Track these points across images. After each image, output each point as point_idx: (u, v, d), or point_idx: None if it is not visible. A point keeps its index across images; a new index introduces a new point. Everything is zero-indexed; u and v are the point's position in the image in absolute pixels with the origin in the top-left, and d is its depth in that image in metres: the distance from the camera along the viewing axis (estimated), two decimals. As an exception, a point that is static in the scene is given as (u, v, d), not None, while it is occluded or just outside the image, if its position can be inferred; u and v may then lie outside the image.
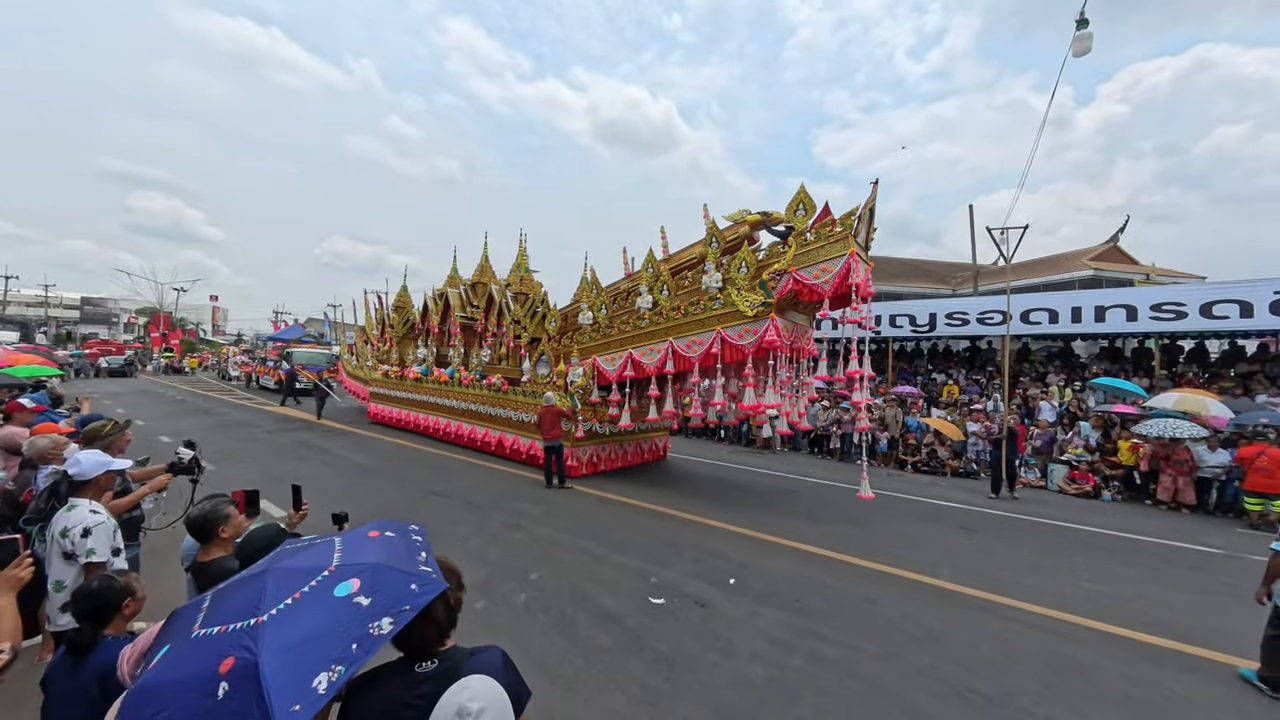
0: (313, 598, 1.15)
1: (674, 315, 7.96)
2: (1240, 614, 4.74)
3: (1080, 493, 9.65)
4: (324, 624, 1.09)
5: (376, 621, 1.11)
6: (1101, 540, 6.93)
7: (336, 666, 1.02)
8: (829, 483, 9.86)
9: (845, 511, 7.86)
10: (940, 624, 4.21)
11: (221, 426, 12.95)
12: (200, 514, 2.23)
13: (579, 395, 8.80)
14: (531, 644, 3.69)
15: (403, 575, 1.23)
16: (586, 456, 9.24)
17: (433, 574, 1.29)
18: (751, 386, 7.11)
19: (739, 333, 7.13)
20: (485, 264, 13.26)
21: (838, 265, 6.38)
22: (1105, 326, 13.43)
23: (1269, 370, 12.19)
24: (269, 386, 22.94)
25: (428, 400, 12.35)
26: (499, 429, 10.39)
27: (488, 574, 4.80)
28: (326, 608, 1.13)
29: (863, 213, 6.45)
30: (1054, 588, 5.09)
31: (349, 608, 1.13)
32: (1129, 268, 21.75)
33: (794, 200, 6.97)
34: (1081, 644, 4.00)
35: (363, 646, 1.07)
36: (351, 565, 1.23)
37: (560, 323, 10.01)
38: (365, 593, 1.16)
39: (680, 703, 3.14)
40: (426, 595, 1.21)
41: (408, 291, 15.98)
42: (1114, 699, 3.32)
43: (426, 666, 1.30)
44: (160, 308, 47.58)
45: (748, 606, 4.38)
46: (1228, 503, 8.58)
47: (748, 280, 7.12)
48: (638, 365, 8.35)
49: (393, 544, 1.37)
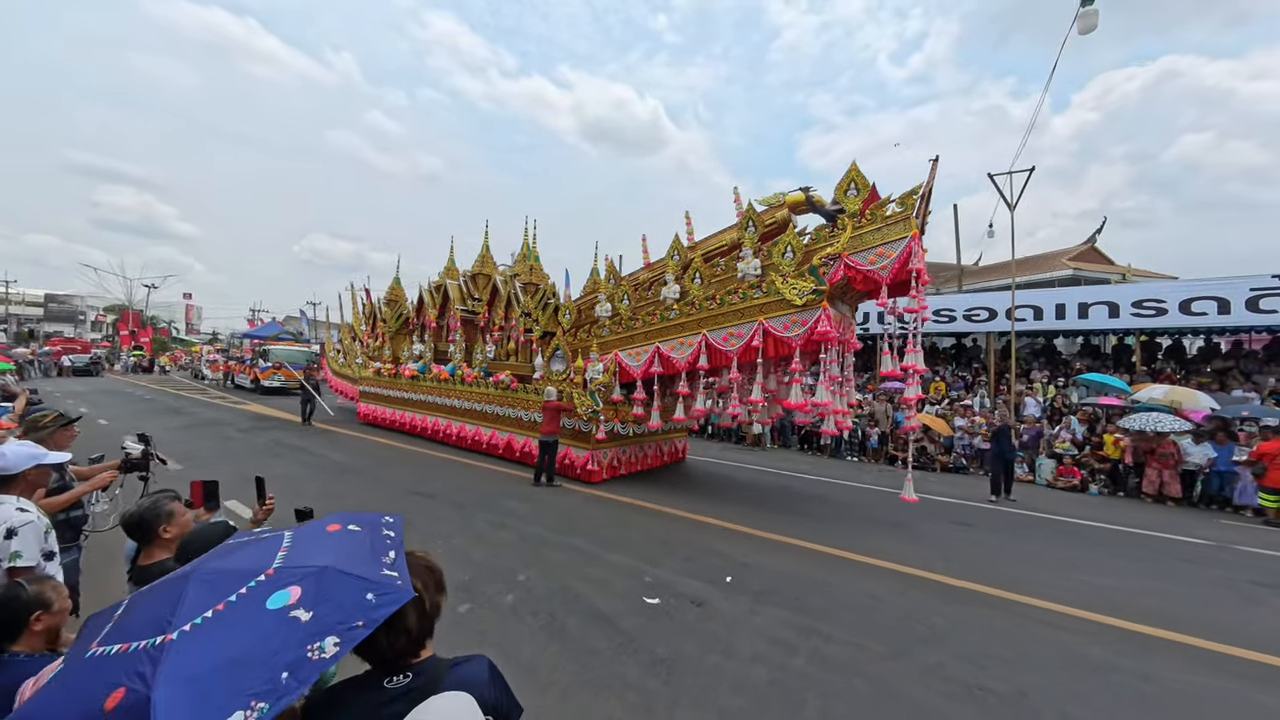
0: (239, 610, 0.90)
1: (708, 306, 7.31)
2: (1239, 606, 4.73)
3: (1068, 487, 9.71)
4: (247, 645, 0.85)
5: (317, 643, 0.87)
6: (1093, 533, 6.92)
7: (258, 704, 0.79)
8: (821, 479, 9.77)
9: (840, 507, 7.76)
10: (945, 620, 4.07)
11: (192, 426, 12.39)
12: (137, 512, 1.93)
13: (601, 393, 8.08)
14: (520, 648, 3.46)
15: (356, 582, 0.99)
16: (607, 460, 8.56)
17: (397, 579, 1.04)
18: (798, 383, 6.61)
19: (784, 324, 6.51)
20: (486, 254, 12.36)
21: (897, 249, 5.80)
22: (1088, 323, 13.64)
23: (1243, 366, 12.50)
24: (245, 385, 22.14)
25: (425, 400, 11.62)
26: (507, 430, 9.66)
27: (473, 575, 4.54)
28: (254, 624, 0.88)
29: (925, 192, 5.92)
30: (1053, 581, 5.01)
31: (283, 624, 0.88)
32: (1106, 268, 22.35)
33: (844, 179, 6.38)
34: (1088, 638, 3.90)
35: (296, 676, 0.83)
36: (294, 568, 0.98)
37: (575, 315, 9.26)
38: (306, 604, 0.91)
39: (680, 708, 2.93)
40: (385, 608, 0.98)
41: (401, 284, 15.11)
42: (1129, 695, 3.20)
43: (398, 682, 1.07)
44: (129, 305, 45.85)
45: (746, 605, 4.20)
46: (1211, 495, 8.70)
47: (793, 266, 6.55)
48: (666, 360, 7.66)
49: (354, 540, 1.12)
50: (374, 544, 1.13)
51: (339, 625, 0.90)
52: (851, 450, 12.65)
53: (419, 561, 1.18)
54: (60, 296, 53.59)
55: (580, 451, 8.41)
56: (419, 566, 1.16)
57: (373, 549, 1.11)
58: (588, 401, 8.00)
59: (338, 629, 0.90)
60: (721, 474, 9.81)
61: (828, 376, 6.40)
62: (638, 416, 8.26)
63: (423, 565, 1.18)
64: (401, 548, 1.16)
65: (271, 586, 0.94)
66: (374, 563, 1.06)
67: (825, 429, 6.74)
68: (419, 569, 1.16)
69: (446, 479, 8.16)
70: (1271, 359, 12.62)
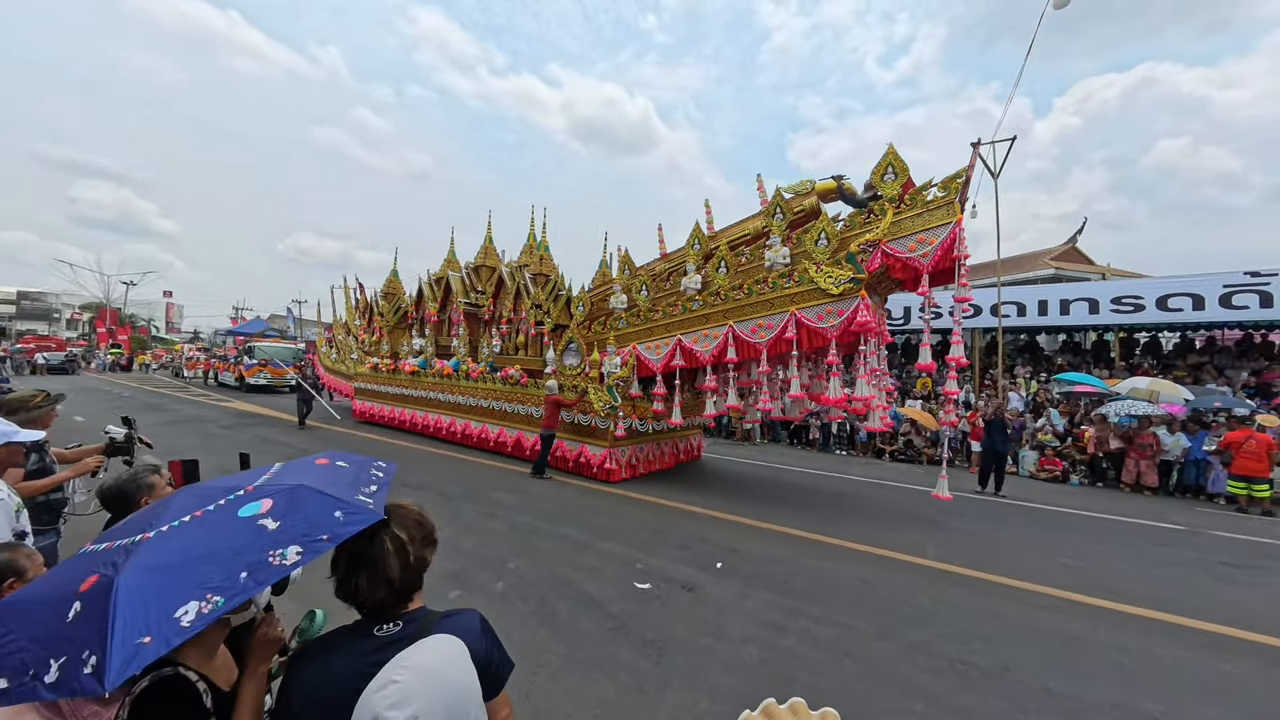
0: (213, 517, 0.97)
1: (734, 296, 7.00)
2: (1210, 585, 4.88)
3: (1050, 477, 9.92)
4: (212, 545, 0.90)
5: (280, 550, 0.91)
6: (1074, 520, 7.08)
7: (213, 596, 0.83)
8: (812, 471, 9.87)
9: (830, 497, 7.85)
10: (932, 601, 4.15)
11: (173, 422, 12.12)
12: (116, 484, 1.86)
13: (619, 388, 7.71)
14: (510, 632, 3.44)
15: (327, 500, 1.02)
16: (625, 458, 8.14)
17: (369, 504, 1.07)
18: (836, 376, 6.29)
19: (819, 314, 6.23)
20: (489, 245, 11.97)
21: (939, 236, 5.55)
22: (1070, 319, 13.94)
23: (1216, 361, 12.87)
24: (230, 384, 21.69)
25: (427, 396, 11.23)
26: (516, 427, 9.27)
27: (463, 564, 4.52)
28: (223, 528, 0.94)
29: (968, 177, 5.76)
30: (1035, 565, 5.12)
31: (250, 530, 0.94)
32: (1086, 268, 22.88)
33: (881, 162, 6.15)
34: (1070, 616, 4.00)
35: (255, 577, 0.87)
36: (271, 485, 1.03)
37: (588, 307, 8.95)
38: (275, 515, 0.96)
39: (671, 688, 2.95)
40: (352, 526, 1.00)
41: (398, 276, 14.71)
42: (1107, 667, 3.29)
43: (388, 629, 1.07)
44: (107, 303, 44.74)
45: (737, 589, 4.24)
46: (1186, 484, 8.95)
47: (828, 254, 6.29)
48: (689, 353, 7.34)
49: (338, 472, 1.15)
50: (358, 477, 1.16)
51: (303, 536, 0.94)
52: (840, 444, 12.78)
53: (409, 514, 1.16)
54: (34, 294, 52.14)
55: (597, 449, 8.07)
56: (408, 519, 1.14)
57: (355, 480, 1.14)
58: (605, 397, 7.65)
59: (301, 539, 0.93)
60: (713, 467, 9.86)
61: (868, 369, 6.12)
62: (658, 412, 7.96)
63: (413, 518, 1.16)
64: (386, 486, 1.16)
65: (247, 499, 1.00)
66: (352, 490, 1.09)
67: (869, 424, 6.51)
68: (408, 521, 1.14)
69: (436, 472, 8.10)
70: (1243, 354, 13.00)
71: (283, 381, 20.61)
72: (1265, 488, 7.86)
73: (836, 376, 6.26)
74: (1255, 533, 6.77)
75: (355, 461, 1.23)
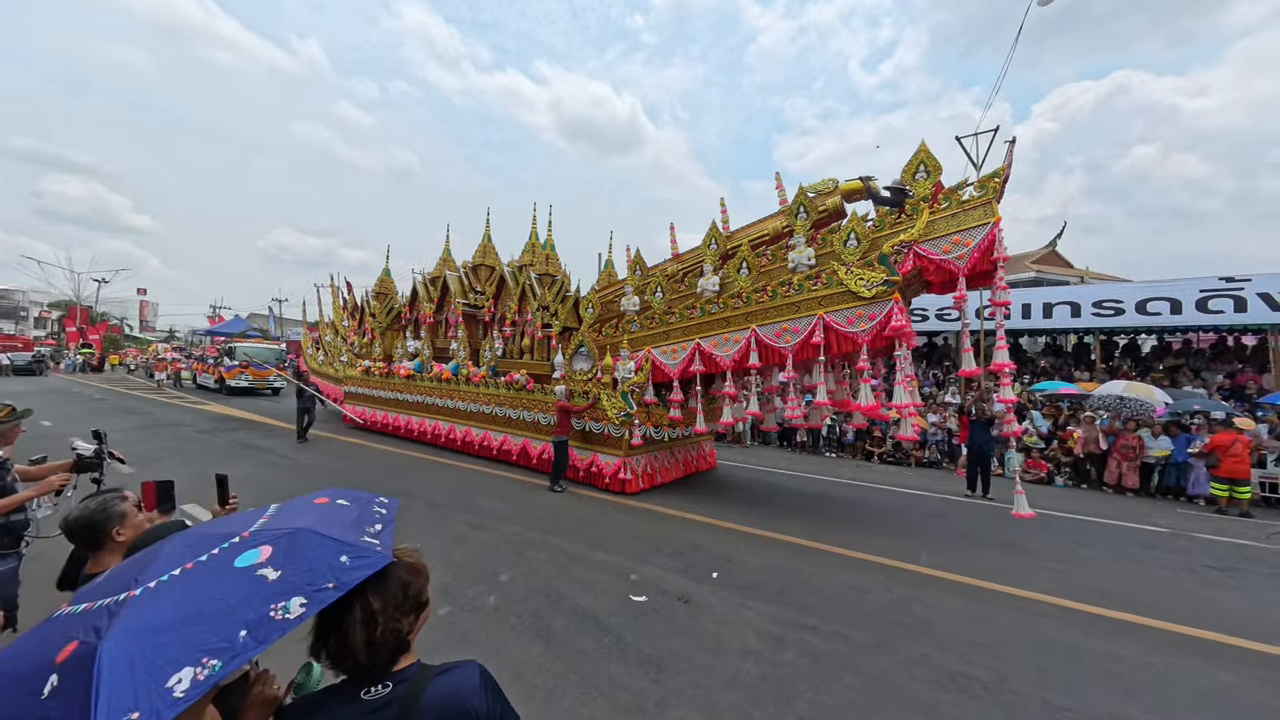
0: (207, 568, 0.87)
1: (757, 298, 6.71)
2: (1197, 589, 4.95)
3: (1035, 479, 10.07)
4: (207, 600, 0.82)
5: (282, 603, 0.83)
6: (1060, 523, 7.17)
7: (209, 660, 0.75)
8: (803, 474, 9.89)
9: (821, 501, 7.85)
10: (927, 609, 4.14)
11: (148, 426, 11.73)
12: (83, 514, 1.71)
13: (634, 394, 7.40)
14: (503, 650, 3.35)
15: (331, 544, 0.94)
16: (641, 468, 7.78)
17: (377, 546, 0.99)
18: (867, 383, 6.07)
19: (849, 317, 5.95)
20: (488, 244, 11.41)
21: (976, 237, 5.32)
22: (1052, 322, 14.19)
23: (1192, 364, 13.22)
24: (210, 386, 20.98)
25: (424, 401, 10.80)
26: (521, 434, 8.91)
27: (453, 577, 4.40)
28: (218, 581, 0.85)
29: (1006, 176, 5.47)
30: (1024, 569, 5.16)
31: (248, 582, 0.85)
32: (1066, 271, 23.42)
33: (913, 160, 5.87)
34: (1061, 622, 4.02)
35: (256, 635, 0.79)
36: (269, 530, 0.94)
37: (598, 309, 8.55)
38: (275, 563, 0.88)
39: (671, 708, 2.88)
40: (360, 571, 0.92)
41: (391, 275, 14.24)
42: (1102, 676, 3.30)
43: (375, 692, 0.97)
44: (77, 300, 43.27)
45: (734, 600, 4.18)
46: (1167, 486, 9.15)
47: (858, 255, 6.06)
48: (708, 358, 7.04)
49: (339, 512, 1.07)
50: (360, 516, 1.08)
51: (307, 586, 0.86)
52: (830, 446, 12.84)
53: (395, 572, 1.02)
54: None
55: (610, 458, 7.69)
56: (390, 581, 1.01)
57: (358, 520, 1.06)
58: (619, 403, 7.32)
59: (305, 589, 0.86)
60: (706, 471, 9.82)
61: (903, 375, 5.88)
62: (674, 420, 7.62)
63: (397, 580, 1.02)
64: (391, 524, 1.08)
65: (243, 547, 0.91)
66: (356, 531, 1.01)
67: (902, 433, 6.32)
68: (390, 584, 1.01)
69: (423, 479, 7.93)
70: (1217, 357, 13.37)
71: (266, 384, 20.18)
72: (1247, 489, 8.06)
73: (867, 383, 6.05)
74: (1236, 535, 6.92)
75: (357, 499, 1.15)
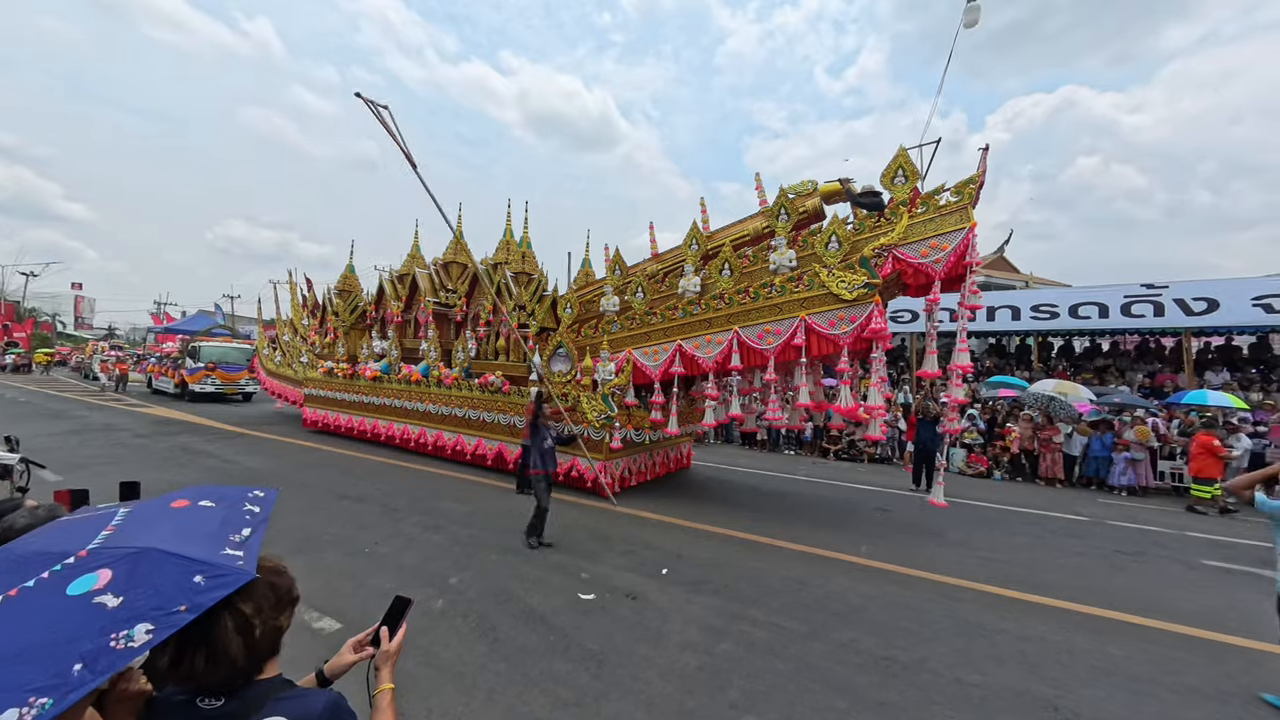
0: (33, 597, 0.79)
1: (739, 300, 6.73)
2: (1105, 573, 5.40)
3: (976, 474, 10.68)
4: (34, 634, 0.75)
5: (125, 630, 0.77)
6: (994, 515, 7.66)
7: (38, 700, 0.69)
8: (761, 471, 10.16)
9: (775, 498, 8.11)
10: (861, 599, 4.37)
11: (78, 431, 11.03)
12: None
13: (615, 396, 7.28)
14: (445, 652, 3.37)
15: (182, 564, 0.86)
16: (619, 470, 7.75)
17: (239, 560, 0.92)
18: (846, 385, 6.13)
19: (831, 320, 5.99)
20: (460, 241, 10.76)
21: (953, 241, 5.44)
22: (995, 325, 15.01)
23: (1118, 364, 14.28)
24: (168, 391, 19.15)
25: (392, 404, 10.41)
26: (496, 438, 8.66)
27: (400, 581, 4.37)
28: (47, 612, 0.78)
29: (981, 182, 5.60)
30: (956, 558, 5.51)
31: (83, 611, 0.78)
32: (1012, 275, 24.87)
33: (892, 164, 5.93)
34: (982, 607, 4.33)
35: (94, 667, 0.73)
36: (110, 549, 0.86)
37: (576, 309, 8.39)
38: (115, 589, 0.81)
39: (608, 700, 2.97)
40: (216, 591, 0.85)
41: (354, 272, 13.59)
42: (1011, 655, 3.58)
43: (210, 703, 0.96)
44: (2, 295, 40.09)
45: (680, 596, 4.31)
46: (1088, 477, 9.92)
47: (839, 258, 6.10)
48: (689, 359, 6.98)
49: (200, 517, 1.00)
50: (226, 520, 1.01)
51: (154, 611, 0.80)
52: (789, 444, 13.23)
53: (259, 577, 0.98)
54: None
55: (589, 462, 7.53)
56: (257, 585, 0.98)
57: (222, 526, 0.99)
58: (600, 406, 7.24)
59: (153, 614, 0.80)
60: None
61: (879, 378, 5.97)
62: (655, 422, 7.54)
63: (264, 582, 1.00)
64: (263, 525, 1.04)
65: (78, 570, 0.83)
66: (216, 541, 0.95)
67: (870, 434, 6.50)
68: (256, 588, 0.99)
69: (379, 482, 7.77)
70: (1140, 357, 14.48)
71: (236, 388, 18.44)
72: (1208, 488, 8.30)
73: (847, 385, 6.13)
74: (1146, 522, 7.55)
75: (224, 498, 1.08)
